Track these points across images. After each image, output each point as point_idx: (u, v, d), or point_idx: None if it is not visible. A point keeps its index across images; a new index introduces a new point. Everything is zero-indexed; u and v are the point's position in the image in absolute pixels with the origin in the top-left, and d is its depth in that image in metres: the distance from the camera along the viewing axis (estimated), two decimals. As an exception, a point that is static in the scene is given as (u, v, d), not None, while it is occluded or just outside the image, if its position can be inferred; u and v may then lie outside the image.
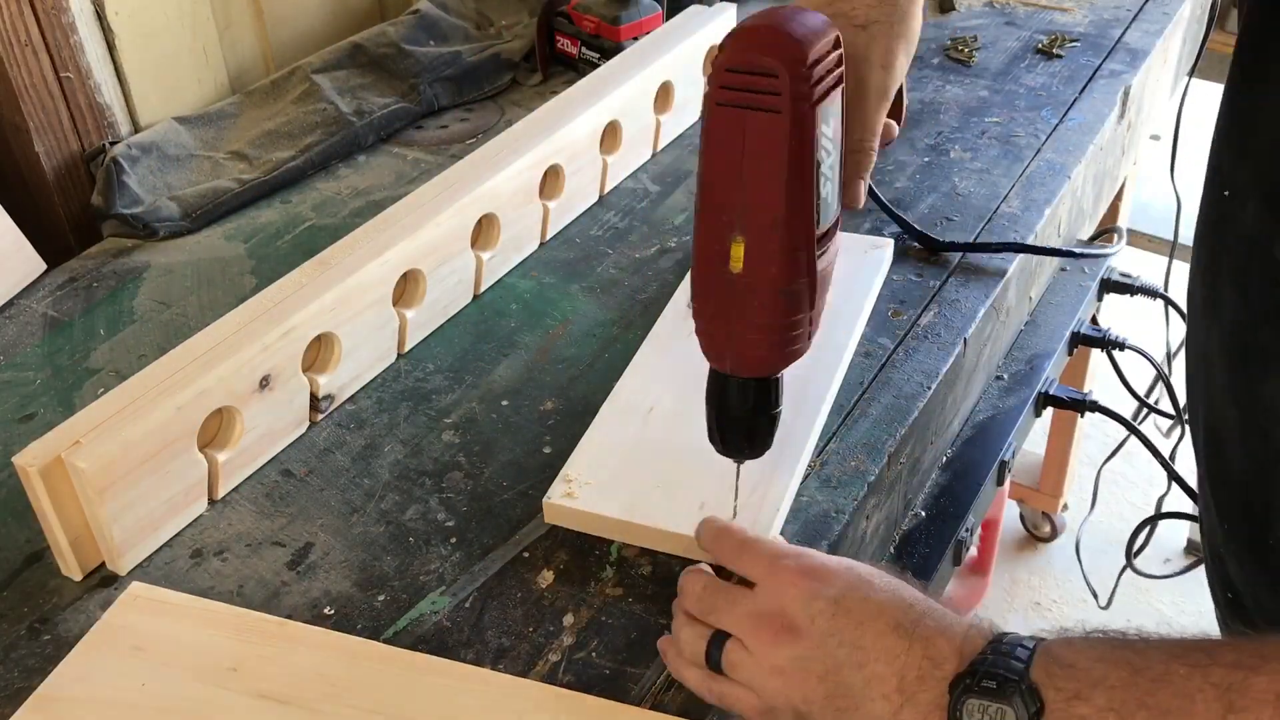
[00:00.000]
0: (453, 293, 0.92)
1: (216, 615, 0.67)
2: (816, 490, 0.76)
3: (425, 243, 0.87)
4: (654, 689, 0.64)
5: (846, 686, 0.52)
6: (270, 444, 0.79)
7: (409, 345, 0.89)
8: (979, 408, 1.02)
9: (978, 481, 0.95)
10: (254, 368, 0.76)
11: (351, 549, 0.73)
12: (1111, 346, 1.19)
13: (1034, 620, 1.86)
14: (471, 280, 0.94)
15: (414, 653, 0.65)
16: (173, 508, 0.73)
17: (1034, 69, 1.27)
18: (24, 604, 0.70)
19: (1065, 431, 1.81)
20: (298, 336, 0.78)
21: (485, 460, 0.79)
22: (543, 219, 1.01)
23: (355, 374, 0.85)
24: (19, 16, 1.01)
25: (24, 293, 0.99)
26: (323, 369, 0.82)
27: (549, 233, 1.02)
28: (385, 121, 1.21)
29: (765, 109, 0.55)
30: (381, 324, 0.86)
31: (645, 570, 0.70)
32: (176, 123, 1.15)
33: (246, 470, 0.78)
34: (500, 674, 0.63)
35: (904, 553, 0.88)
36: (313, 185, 1.14)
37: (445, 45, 1.32)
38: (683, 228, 1.04)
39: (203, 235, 1.06)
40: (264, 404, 0.77)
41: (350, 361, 0.83)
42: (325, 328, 0.80)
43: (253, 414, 0.77)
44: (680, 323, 0.86)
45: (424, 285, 0.88)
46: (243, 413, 0.76)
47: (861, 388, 0.84)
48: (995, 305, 0.96)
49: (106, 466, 0.68)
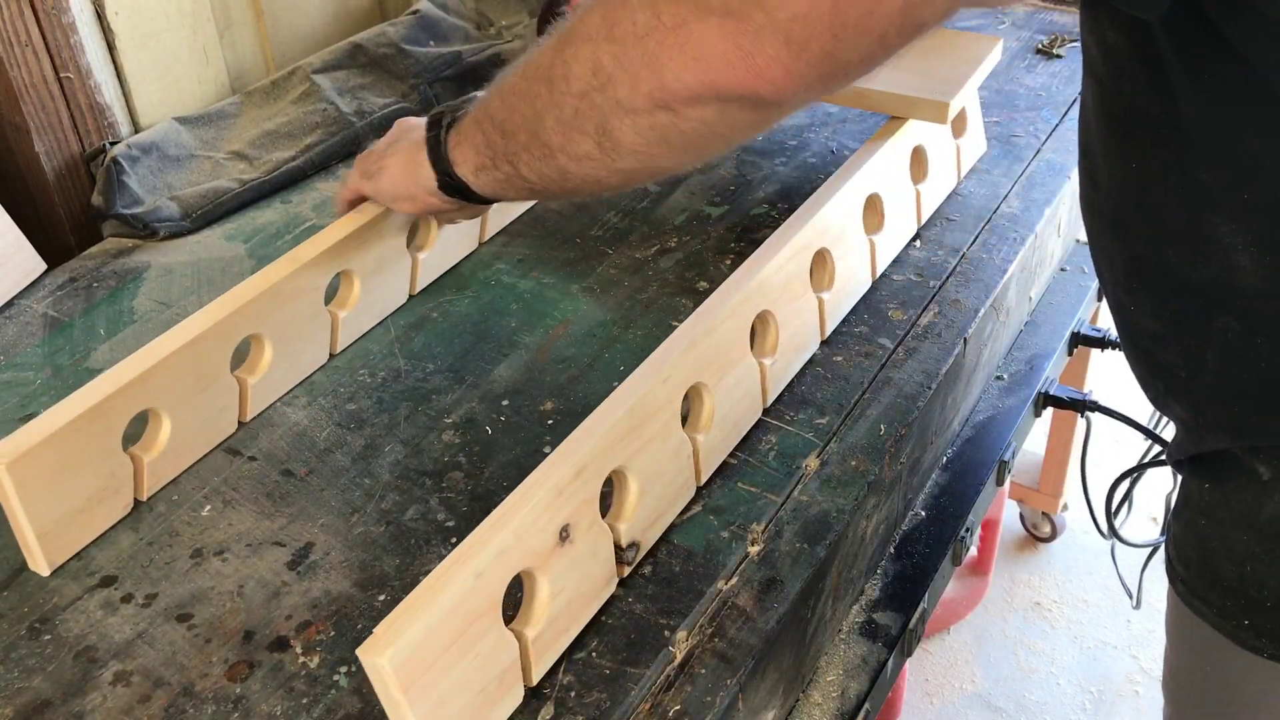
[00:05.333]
0: (740, 405, 0.79)
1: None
2: (817, 490, 0.76)
3: (704, 353, 0.74)
4: (654, 689, 0.64)
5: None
6: (580, 611, 0.66)
7: (704, 476, 0.76)
8: (979, 408, 1.02)
9: (978, 481, 0.95)
10: (551, 518, 0.63)
11: (352, 549, 0.73)
12: (1111, 346, 1.19)
13: (1034, 620, 1.86)
14: (757, 390, 0.81)
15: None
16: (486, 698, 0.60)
17: (1034, 69, 1.27)
18: (24, 604, 0.70)
19: (1065, 431, 1.81)
20: (590, 476, 0.65)
21: (485, 460, 0.79)
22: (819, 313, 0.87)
23: (657, 514, 0.71)
24: (19, 16, 1.01)
25: (24, 293, 0.99)
26: (619, 515, 0.69)
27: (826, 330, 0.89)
28: (385, 122, 1.21)
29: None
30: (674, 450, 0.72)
31: (645, 570, 0.70)
32: (176, 123, 1.15)
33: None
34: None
35: (904, 553, 0.88)
36: (313, 185, 1.14)
37: (445, 45, 1.32)
38: (683, 228, 1.04)
39: (203, 235, 1.06)
40: (565, 560, 0.63)
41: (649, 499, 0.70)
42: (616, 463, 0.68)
43: (556, 574, 0.63)
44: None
45: (710, 402, 0.76)
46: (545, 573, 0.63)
47: (861, 388, 0.84)
48: (995, 305, 0.96)
49: (410, 660, 0.55)
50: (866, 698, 0.78)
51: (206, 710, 0.63)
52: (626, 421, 0.67)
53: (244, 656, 0.66)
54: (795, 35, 0.54)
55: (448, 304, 0.96)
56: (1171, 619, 0.77)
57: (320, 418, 0.84)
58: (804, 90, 0.57)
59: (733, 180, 1.11)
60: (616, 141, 0.64)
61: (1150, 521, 1.97)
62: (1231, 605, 0.68)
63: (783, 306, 0.82)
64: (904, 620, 0.83)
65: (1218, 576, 0.68)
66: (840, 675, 0.79)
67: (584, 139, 0.65)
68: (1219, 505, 0.67)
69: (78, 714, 0.63)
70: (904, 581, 0.86)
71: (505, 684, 0.58)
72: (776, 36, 0.54)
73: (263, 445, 0.82)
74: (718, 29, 0.56)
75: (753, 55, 0.55)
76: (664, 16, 0.57)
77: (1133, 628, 1.83)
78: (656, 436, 0.69)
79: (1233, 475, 0.66)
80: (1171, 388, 0.69)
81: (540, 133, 0.68)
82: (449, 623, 0.56)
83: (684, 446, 0.72)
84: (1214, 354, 0.63)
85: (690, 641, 0.66)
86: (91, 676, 0.65)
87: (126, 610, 0.69)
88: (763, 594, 0.69)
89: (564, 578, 0.62)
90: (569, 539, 0.62)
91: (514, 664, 0.60)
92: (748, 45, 0.55)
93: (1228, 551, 0.67)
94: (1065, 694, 1.74)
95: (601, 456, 0.65)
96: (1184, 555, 0.71)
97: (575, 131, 0.65)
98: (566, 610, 0.63)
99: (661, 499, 0.71)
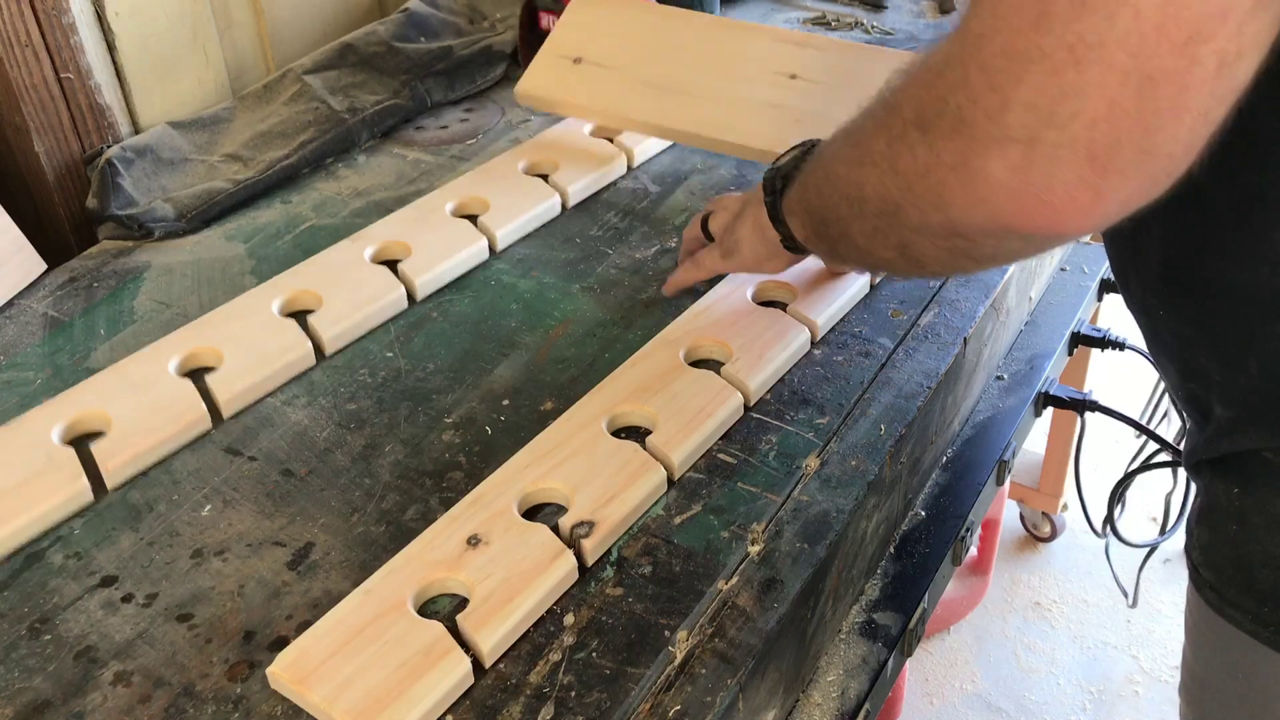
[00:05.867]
0: (693, 404, 0.84)
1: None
2: (817, 490, 0.76)
3: None
4: (654, 689, 0.64)
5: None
6: (520, 585, 0.70)
7: (674, 462, 0.79)
8: (979, 408, 1.02)
9: (978, 481, 0.95)
10: (451, 536, 0.71)
11: (352, 549, 0.73)
12: (1111, 346, 1.19)
13: (1034, 620, 1.86)
14: (719, 390, 0.85)
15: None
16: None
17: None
18: (24, 604, 0.70)
19: (1065, 431, 1.81)
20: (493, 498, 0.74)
21: (485, 460, 0.79)
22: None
23: (610, 494, 0.75)
24: (19, 17, 1.01)
25: (24, 293, 0.99)
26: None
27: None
28: (378, 118, 1.21)
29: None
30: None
31: (645, 570, 0.70)
32: (170, 127, 1.15)
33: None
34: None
35: (904, 553, 0.88)
36: (313, 185, 1.14)
37: (436, 41, 1.32)
38: (682, 228, 1.04)
39: (203, 235, 1.06)
40: (483, 557, 0.71)
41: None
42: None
43: (475, 568, 0.70)
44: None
45: (649, 409, 0.83)
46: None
47: (861, 387, 0.84)
48: (995, 305, 0.96)
49: (297, 661, 0.64)
50: (866, 698, 0.78)
51: (206, 710, 0.63)
52: (526, 457, 0.76)
53: (244, 656, 0.66)
54: (1099, 144, 0.46)
55: (448, 304, 0.96)
56: (1197, 626, 0.75)
57: (320, 418, 0.84)
58: (1119, 209, 0.48)
59: (733, 180, 1.11)
60: (919, 255, 0.61)
61: (1149, 521, 1.97)
62: (1269, 612, 0.67)
63: (733, 323, 0.88)
64: (904, 620, 0.83)
65: (1253, 582, 0.66)
66: (840, 675, 0.79)
67: (887, 250, 0.63)
68: (1252, 511, 0.66)
69: (78, 714, 0.63)
70: (904, 581, 0.86)
71: (432, 657, 0.64)
72: (1076, 155, 0.47)
73: (263, 445, 0.82)
74: (1000, 164, 0.49)
75: (1048, 189, 0.48)
76: (943, 154, 0.52)
77: (1133, 628, 1.83)
78: (580, 450, 0.77)
79: (1266, 480, 0.65)
80: (1208, 389, 0.68)
81: (850, 234, 0.66)
82: (337, 630, 0.65)
83: (620, 449, 0.77)
84: (1257, 360, 0.62)
85: (690, 641, 0.66)
86: (91, 676, 0.65)
87: (127, 610, 0.69)
88: (763, 594, 0.69)
89: (487, 568, 0.69)
90: (482, 542, 0.70)
91: (438, 641, 0.64)
92: (1039, 179, 0.48)
93: (1264, 557, 0.66)
94: (1065, 694, 1.74)
95: (504, 483, 0.74)
96: (1213, 562, 0.70)
97: (878, 243, 0.63)
98: (503, 586, 0.68)
99: (609, 486, 0.75)
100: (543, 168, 1.11)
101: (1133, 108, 0.45)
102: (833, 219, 0.68)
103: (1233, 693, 0.74)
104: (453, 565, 0.69)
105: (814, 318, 0.88)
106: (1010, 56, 0.47)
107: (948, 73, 0.51)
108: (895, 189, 0.57)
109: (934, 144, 0.52)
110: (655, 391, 0.82)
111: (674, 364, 0.84)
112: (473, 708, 0.63)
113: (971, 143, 0.50)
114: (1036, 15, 0.46)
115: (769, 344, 0.85)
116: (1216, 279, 0.62)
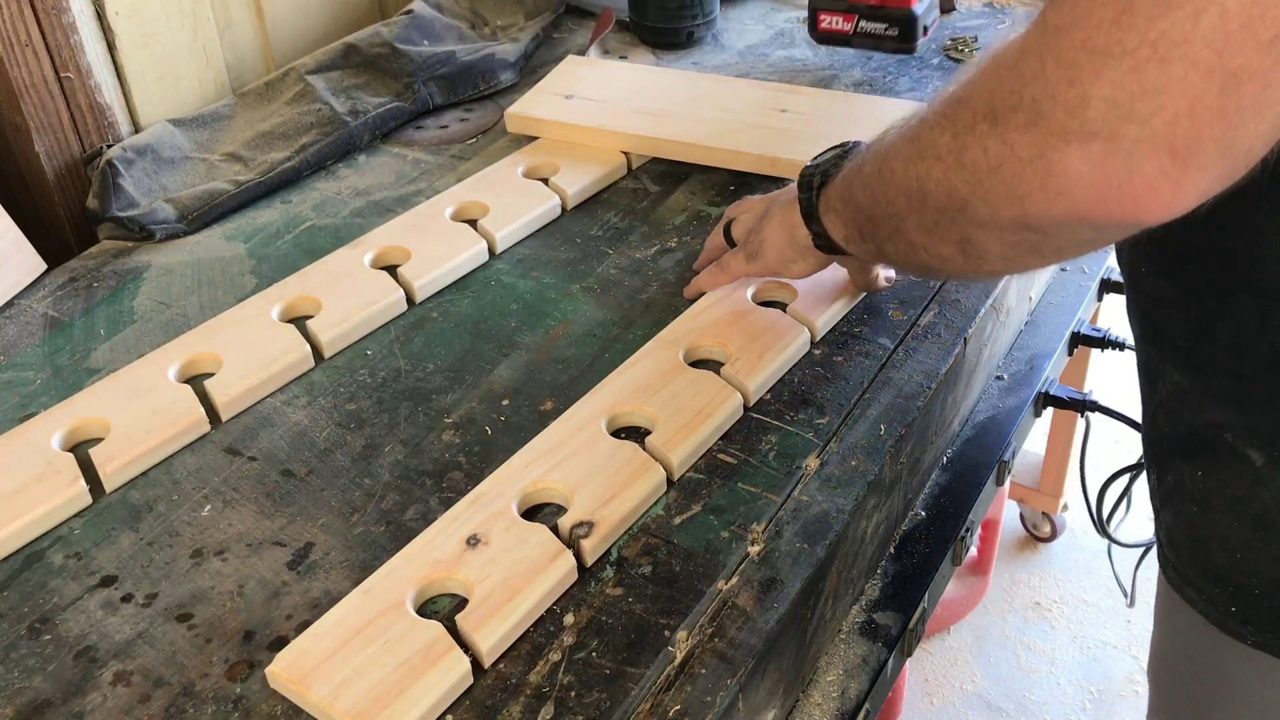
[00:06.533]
0: (692, 404, 0.84)
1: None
2: (817, 490, 0.76)
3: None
4: (654, 689, 0.64)
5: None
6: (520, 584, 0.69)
7: (673, 463, 0.79)
8: (979, 408, 1.02)
9: (978, 481, 0.95)
10: (450, 536, 0.72)
11: (352, 549, 0.73)
12: (1111, 346, 1.19)
13: (1034, 620, 1.86)
14: (718, 390, 0.85)
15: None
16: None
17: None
18: (24, 604, 0.70)
19: (1065, 431, 1.81)
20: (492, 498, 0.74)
21: (485, 460, 0.79)
22: None
23: (610, 494, 0.74)
24: (19, 16, 1.01)
25: (24, 293, 0.99)
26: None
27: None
28: (380, 121, 1.21)
29: None
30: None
31: (645, 570, 0.70)
32: (170, 125, 1.15)
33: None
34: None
35: (904, 553, 0.88)
36: (313, 185, 1.14)
37: (439, 45, 1.32)
38: (683, 228, 1.04)
39: (203, 235, 1.06)
40: (483, 557, 0.70)
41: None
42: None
43: (475, 568, 0.70)
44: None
45: (650, 410, 0.83)
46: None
47: (861, 387, 0.84)
48: (995, 305, 0.96)
49: (296, 660, 0.64)
50: (866, 698, 0.78)
51: (206, 710, 0.63)
52: (526, 457, 0.77)
53: (244, 656, 0.66)
54: (1180, 140, 0.46)
55: (448, 304, 0.96)
56: (1160, 605, 0.77)
57: (320, 418, 0.84)
58: (1198, 199, 0.49)
59: (733, 180, 1.11)
60: (982, 250, 0.60)
61: (1149, 521, 1.97)
62: (1219, 592, 0.68)
63: (733, 323, 0.88)
64: (904, 620, 0.83)
65: (1209, 563, 0.68)
66: (840, 675, 0.79)
67: (946, 245, 0.62)
68: (1213, 493, 0.67)
69: (78, 714, 0.63)
70: (904, 581, 0.86)
71: (431, 657, 0.64)
72: (1157, 149, 0.47)
73: (262, 445, 0.82)
74: (1080, 157, 0.49)
75: (1128, 181, 0.48)
76: (1017, 147, 0.52)
77: (1133, 627, 1.83)
78: (579, 451, 0.77)
79: (1226, 463, 0.66)
80: (1169, 356, 0.68)
81: (904, 230, 0.65)
82: (337, 630, 0.65)
83: (620, 449, 0.77)
84: (1226, 327, 0.62)
85: (690, 641, 0.66)
86: (91, 676, 0.65)
87: (126, 610, 0.69)
88: (763, 594, 0.69)
89: (487, 567, 0.69)
90: (482, 542, 0.70)
91: (438, 641, 0.65)
92: (1120, 171, 0.48)
93: (1220, 539, 0.67)
94: (1065, 694, 1.74)
95: (504, 483, 0.75)
96: (1175, 541, 0.71)
97: (937, 239, 0.63)
98: (503, 586, 0.68)
99: (608, 486, 0.74)
100: (542, 171, 1.11)
101: (1215, 105, 0.45)
102: (884, 216, 0.67)
103: (1186, 671, 0.75)
104: (452, 565, 0.69)
105: (814, 318, 0.88)
106: (1090, 51, 0.47)
107: (1022, 66, 0.51)
108: (961, 183, 0.57)
109: (1006, 137, 0.52)
110: (655, 391, 0.82)
111: (674, 364, 0.84)
112: (472, 708, 0.63)
113: (1049, 136, 0.50)
114: (1119, 11, 0.46)
115: (769, 344, 0.85)
116: (1201, 244, 0.62)
